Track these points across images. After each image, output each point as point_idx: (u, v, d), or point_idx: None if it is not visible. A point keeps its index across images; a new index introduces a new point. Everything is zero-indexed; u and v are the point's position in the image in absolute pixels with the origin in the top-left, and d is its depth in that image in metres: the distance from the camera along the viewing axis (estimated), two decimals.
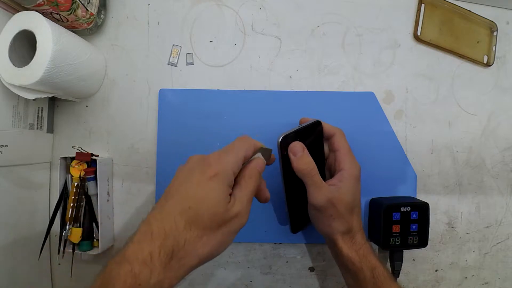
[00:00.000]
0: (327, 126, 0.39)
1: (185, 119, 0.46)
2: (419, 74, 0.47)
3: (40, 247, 0.42)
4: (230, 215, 0.28)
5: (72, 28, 0.43)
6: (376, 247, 0.46)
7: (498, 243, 0.47)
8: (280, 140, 0.36)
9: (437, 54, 0.47)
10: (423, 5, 0.46)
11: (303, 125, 0.38)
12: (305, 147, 0.36)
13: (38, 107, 0.44)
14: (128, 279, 0.23)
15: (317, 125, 0.39)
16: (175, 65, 0.47)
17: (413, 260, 0.47)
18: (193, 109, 0.46)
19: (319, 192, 0.35)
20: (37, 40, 0.35)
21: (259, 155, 0.33)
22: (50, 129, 0.47)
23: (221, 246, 0.28)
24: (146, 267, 0.24)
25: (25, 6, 0.36)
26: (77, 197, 0.43)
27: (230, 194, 0.29)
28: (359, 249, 0.36)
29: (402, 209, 0.42)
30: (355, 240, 0.37)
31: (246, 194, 0.29)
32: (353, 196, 0.37)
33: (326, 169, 0.41)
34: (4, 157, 0.38)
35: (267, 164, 0.34)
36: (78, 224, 0.43)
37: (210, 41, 0.47)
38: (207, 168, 0.28)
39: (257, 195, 0.34)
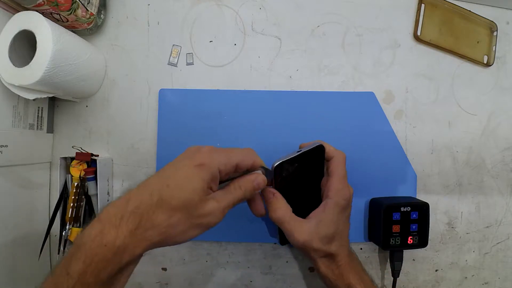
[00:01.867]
0: (329, 149, 0.38)
1: (185, 119, 0.46)
2: (419, 74, 0.47)
3: (40, 247, 0.42)
4: (203, 209, 0.28)
5: (72, 28, 0.43)
6: (376, 247, 0.46)
7: (498, 243, 0.47)
8: (274, 166, 0.34)
9: (437, 54, 0.47)
10: (423, 5, 0.46)
11: (303, 150, 0.36)
12: (275, 192, 0.35)
13: (38, 107, 0.44)
14: (96, 238, 0.25)
15: (319, 150, 0.37)
16: (175, 65, 0.47)
17: (413, 260, 0.47)
18: (193, 109, 0.46)
19: (293, 236, 0.35)
20: (37, 40, 0.35)
21: (259, 171, 0.32)
22: (50, 129, 0.47)
23: (184, 234, 0.28)
24: (114, 229, 0.25)
25: (25, 6, 0.36)
26: (77, 197, 0.43)
27: (212, 190, 0.29)
28: (335, 269, 0.36)
29: (402, 209, 0.42)
30: (334, 261, 0.36)
31: (227, 199, 0.30)
32: (335, 226, 0.35)
33: (322, 192, 0.40)
34: (4, 157, 0.38)
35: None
36: (78, 224, 0.43)
37: (210, 41, 0.47)
38: (197, 155, 0.29)
39: (252, 209, 0.35)
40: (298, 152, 0.36)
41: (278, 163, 0.34)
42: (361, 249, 0.46)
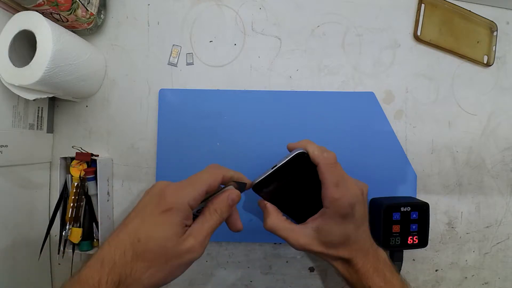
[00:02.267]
0: (313, 154, 0.33)
1: (185, 119, 0.46)
2: (419, 74, 0.47)
3: (40, 247, 0.42)
4: (181, 250, 0.28)
5: (72, 28, 0.43)
6: None
7: (498, 243, 0.47)
8: (252, 187, 0.35)
9: (437, 54, 0.47)
10: (423, 5, 0.46)
11: (280, 163, 0.34)
12: (266, 203, 0.35)
13: (38, 107, 0.44)
14: None
15: (301, 157, 0.34)
16: (175, 65, 0.47)
17: (413, 260, 0.47)
18: (193, 109, 0.46)
19: (289, 241, 0.34)
20: (37, 40, 0.35)
21: (231, 187, 0.32)
22: (50, 129, 0.47)
23: (169, 277, 0.29)
24: None
25: (25, 6, 0.36)
26: (77, 197, 0.43)
27: (188, 226, 0.29)
28: (353, 273, 0.34)
29: (402, 209, 0.42)
30: (351, 265, 0.34)
31: (206, 228, 0.29)
32: (340, 234, 0.33)
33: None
34: (4, 157, 0.38)
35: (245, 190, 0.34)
36: (78, 224, 0.43)
37: (210, 41, 0.47)
38: (162, 201, 0.28)
39: (229, 225, 0.34)
40: (274, 167, 0.34)
41: (255, 183, 0.34)
42: None
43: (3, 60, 0.36)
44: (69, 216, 0.42)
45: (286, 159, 0.34)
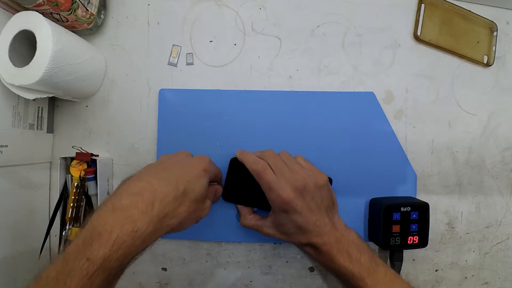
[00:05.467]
0: (247, 167, 0.39)
1: (185, 119, 0.46)
2: (419, 74, 0.47)
3: (40, 247, 0.42)
4: (204, 204, 0.35)
5: (72, 28, 0.43)
6: (376, 247, 0.46)
7: (498, 243, 0.47)
8: (222, 197, 0.43)
9: (437, 54, 0.47)
10: (423, 5, 0.46)
11: (228, 169, 0.42)
12: (238, 206, 0.43)
13: (38, 107, 0.44)
14: (126, 226, 0.25)
15: (235, 162, 0.42)
16: (175, 65, 0.47)
17: (413, 260, 0.47)
18: (193, 109, 0.46)
19: (262, 232, 0.41)
20: (37, 40, 0.35)
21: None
22: (50, 129, 0.47)
23: (188, 223, 0.34)
24: (144, 216, 0.27)
25: (25, 6, 0.36)
26: (77, 197, 0.43)
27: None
28: (319, 255, 0.38)
29: (402, 209, 0.42)
30: (316, 249, 0.38)
31: (211, 199, 0.39)
32: (290, 225, 0.38)
33: None
34: (4, 157, 0.38)
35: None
36: (78, 224, 0.43)
37: (210, 41, 0.47)
38: (201, 162, 0.36)
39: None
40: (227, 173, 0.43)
41: (224, 193, 0.43)
42: None
43: (3, 60, 0.36)
44: (69, 216, 0.42)
45: (228, 168, 0.42)
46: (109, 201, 0.28)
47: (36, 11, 0.36)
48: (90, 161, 0.43)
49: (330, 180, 0.41)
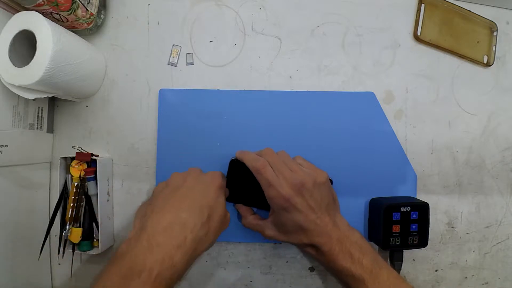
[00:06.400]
0: (247, 166, 0.39)
1: (185, 119, 0.46)
2: (419, 74, 0.47)
3: (40, 247, 0.42)
4: (226, 217, 0.37)
5: (72, 28, 0.43)
6: (376, 247, 0.46)
7: (498, 243, 0.47)
8: (226, 199, 0.42)
9: (437, 54, 0.47)
10: (423, 5, 0.46)
11: (227, 173, 0.43)
12: (240, 206, 0.44)
13: (38, 107, 0.44)
14: (165, 262, 0.28)
15: (235, 162, 0.43)
16: (175, 65, 0.47)
17: (413, 260, 0.47)
18: (193, 109, 0.46)
19: (263, 234, 0.41)
20: (37, 40, 0.35)
21: None
22: (50, 129, 0.47)
23: (216, 238, 0.36)
24: (181, 250, 0.29)
25: (25, 6, 0.36)
26: (77, 197, 0.43)
27: None
28: (320, 256, 0.38)
29: (402, 209, 0.42)
30: (318, 250, 0.38)
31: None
32: (290, 225, 0.38)
33: None
34: (4, 157, 0.38)
35: None
36: (78, 224, 0.43)
37: (210, 41, 0.47)
38: (216, 180, 0.38)
39: None
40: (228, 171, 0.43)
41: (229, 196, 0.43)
42: None
43: (3, 60, 0.36)
44: (69, 216, 0.42)
45: (227, 169, 0.43)
46: (142, 237, 0.29)
47: (36, 11, 0.36)
48: (90, 161, 0.43)
49: (331, 181, 0.41)
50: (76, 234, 0.42)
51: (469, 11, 0.47)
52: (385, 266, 0.36)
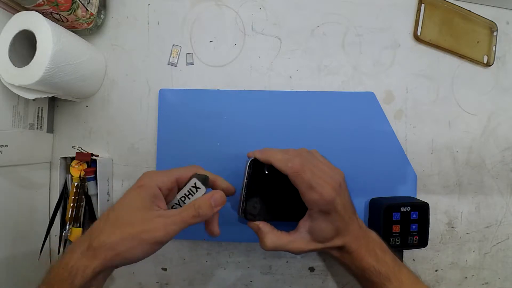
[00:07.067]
0: (278, 168, 0.34)
1: (185, 119, 0.46)
2: (419, 74, 0.47)
3: (40, 247, 0.42)
4: (147, 225, 0.29)
5: (72, 28, 0.43)
6: None
7: (498, 243, 0.47)
8: (244, 217, 0.37)
9: (437, 54, 0.47)
10: (423, 5, 0.46)
11: (245, 179, 0.37)
12: (259, 224, 0.37)
13: (38, 107, 0.44)
14: (58, 262, 0.29)
15: (255, 164, 0.37)
16: (175, 65, 0.47)
17: (413, 260, 0.47)
18: (193, 109, 0.46)
19: (292, 250, 0.36)
20: (37, 40, 0.35)
21: (195, 180, 0.33)
22: (50, 129, 0.47)
23: (133, 250, 0.29)
24: (70, 253, 0.28)
25: (25, 6, 0.36)
26: (77, 197, 0.43)
27: (160, 207, 0.31)
28: (347, 256, 0.37)
29: (402, 209, 0.42)
30: (345, 251, 0.36)
31: (176, 215, 0.30)
32: (330, 228, 0.35)
33: None
34: (4, 157, 0.38)
35: (230, 195, 0.36)
36: (78, 224, 0.43)
37: (210, 41, 0.47)
38: (137, 182, 0.32)
39: (206, 227, 0.35)
40: (243, 187, 0.37)
41: (242, 213, 0.37)
42: None
43: (3, 60, 0.36)
44: (69, 216, 0.42)
45: (246, 174, 0.36)
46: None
47: (36, 11, 0.36)
48: (90, 161, 0.43)
49: None
50: (76, 234, 0.42)
51: (469, 11, 0.47)
52: (403, 264, 0.37)
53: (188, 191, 0.33)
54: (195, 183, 0.33)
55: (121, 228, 0.29)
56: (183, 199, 0.33)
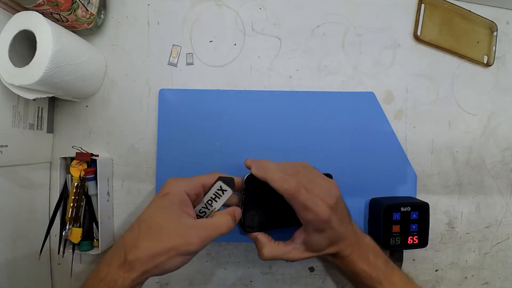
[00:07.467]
0: (273, 187, 0.35)
1: (185, 119, 0.46)
2: (419, 74, 0.47)
3: (40, 247, 0.42)
4: (183, 237, 0.30)
5: (72, 28, 0.43)
6: None
7: (498, 243, 0.47)
8: (243, 230, 0.38)
9: (437, 54, 0.47)
10: (423, 5, 0.46)
11: (243, 194, 0.37)
12: (257, 235, 0.37)
13: (38, 107, 0.44)
14: (93, 276, 0.29)
15: (252, 179, 0.36)
16: (175, 65, 0.47)
17: (413, 260, 0.47)
18: (193, 109, 0.46)
19: (289, 259, 0.38)
20: (37, 40, 0.35)
21: (220, 183, 0.34)
22: (50, 129, 0.47)
23: (170, 261, 0.29)
24: (106, 267, 0.29)
25: (25, 6, 0.36)
26: (77, 197, 0.43)
27: (187, 213, 0.32)
28: (341, 262, 0.38)
29: (402, 209, 0.42)
30: (339, 257, 0.38)
31: (207, 230, 0.31)
32: (324, 240, 0.36)
33: None
34: (4, 157, 0.38)
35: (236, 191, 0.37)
36: (78, 224, 0.43)
37: (210, 41, 0.47)
38: (162, 189, 0.33)
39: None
40: (240, 200, 0.37)
41: (242, 227, 0.38)
42: None
43: (3, 60, 0.36)
44: (69, 216, 0.42)
45: (243, 188, 0.37)
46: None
47: (36, 11, 0.36)
48: (90, 161, 0.43)
49: (331, 176, 0.41)
50: (76, 234, 0.42)
51: (469, 11, 0.47)
52: (396, 267, 0.38)
53: (214, 194, 0.34)
54: (220, 186, 0.34)
55: (155, 240, 0.29)
56: (210, 202, 0.34)
